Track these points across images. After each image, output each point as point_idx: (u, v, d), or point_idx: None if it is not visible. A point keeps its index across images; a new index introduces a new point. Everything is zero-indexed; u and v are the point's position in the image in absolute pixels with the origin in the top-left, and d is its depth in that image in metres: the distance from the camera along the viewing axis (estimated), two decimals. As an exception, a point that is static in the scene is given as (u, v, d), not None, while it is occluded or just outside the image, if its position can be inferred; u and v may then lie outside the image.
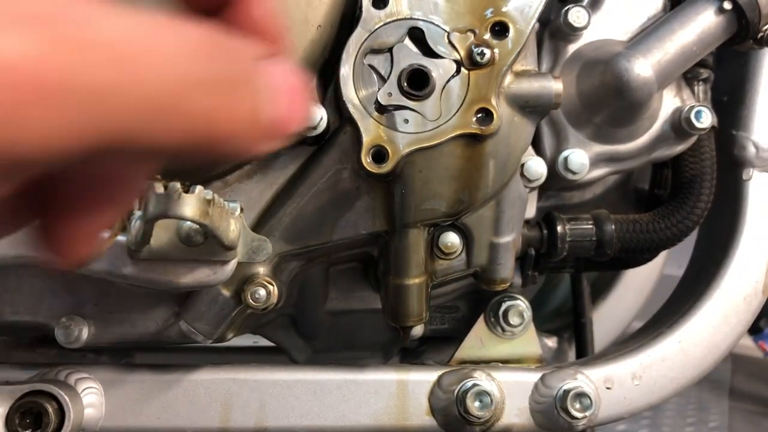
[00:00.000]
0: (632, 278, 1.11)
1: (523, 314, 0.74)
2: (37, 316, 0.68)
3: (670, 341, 0.72)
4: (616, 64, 0.66)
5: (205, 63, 0.27)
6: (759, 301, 0.75)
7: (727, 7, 0.67)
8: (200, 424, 0.68)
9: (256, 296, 0.64)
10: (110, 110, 0.24)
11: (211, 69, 0.27)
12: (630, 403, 0.71)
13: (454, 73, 0.58)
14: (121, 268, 0.59)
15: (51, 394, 0.62)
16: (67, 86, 0.23)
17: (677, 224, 0.72)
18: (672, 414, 1.69)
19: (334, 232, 0.63)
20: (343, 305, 0.74)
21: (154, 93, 0.25)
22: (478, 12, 0.58)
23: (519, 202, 0.65)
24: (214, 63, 0.27)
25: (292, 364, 0.79)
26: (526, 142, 0.62)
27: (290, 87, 0.31)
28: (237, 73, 0.28)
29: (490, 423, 0.68)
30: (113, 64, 0.24)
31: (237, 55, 0.29)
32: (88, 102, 0.24)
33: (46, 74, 0.23)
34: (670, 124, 0.71)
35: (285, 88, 0.30)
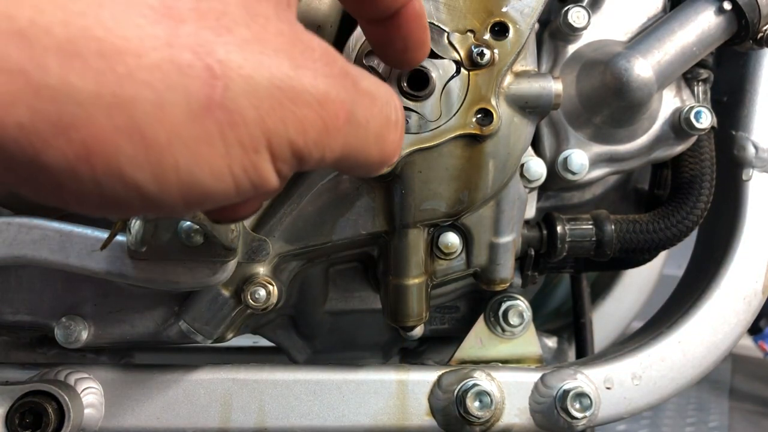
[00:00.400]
0: (632, 278, 1.11)
1: (522, 314, 0.74)
2: (37, 316, 0.68)
3: (670, 341, 0.72)
4: (616, 64, 0.66)
5: (390, 108, 0.39)
6: (759, 301, 0.75)
7: (727, 7, 0.67)
8: (200, 424, 0.68)
9: (256, 296, 0.64)
10: (352, 139, 0.36)
11: (389, 112, 0.39)
12: (630, 403, 0.71)
13: (453, 73, 0.58)
14: (121, 268, 0.59)
15: (51, 394, 0.62)
16: (352, 121, 0.35)
17: (677, 224, 0.72)
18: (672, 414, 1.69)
19: (334, 232, 0.63)
20: (343, 305, 0.74)
21: (377, 129, 0.38)
22: (478, 13, 0.58)
23: (519, 202, 0.65)
24: (391, 107, 0.39)
25: (292, 364, 0.79)
26: (526, 143, 0.62)
27: (402, 122, 0.41)
28: (392, 114, 0.39)
29: (490, 423, 0.68)
30: (372, 105, 0.37)
31: (392, 98, 0.40)
32: (354, 135, 0.36)
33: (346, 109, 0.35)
34: (670, 125, 0.71)
35: (402, 123, 0.41)
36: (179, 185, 0.30)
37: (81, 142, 0.28)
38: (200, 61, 0.29)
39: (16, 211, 0.63)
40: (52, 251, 0.60)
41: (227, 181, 0.31)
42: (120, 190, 0.29)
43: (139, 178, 0.29)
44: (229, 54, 0.30)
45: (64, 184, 0.29)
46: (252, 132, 0.31)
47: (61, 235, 0.60)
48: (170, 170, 0.30)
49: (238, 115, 0.30)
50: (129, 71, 0.28)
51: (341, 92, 0.34)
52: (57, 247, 0.60)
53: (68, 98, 0.27)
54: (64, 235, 0.60)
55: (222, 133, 0.30)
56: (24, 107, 0.26)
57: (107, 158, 0.28)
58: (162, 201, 0.30)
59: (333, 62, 0.34)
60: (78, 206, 0.31)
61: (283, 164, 0.33)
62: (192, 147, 0.30)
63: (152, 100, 0.28)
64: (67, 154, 0.28)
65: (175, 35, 0.29)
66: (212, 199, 0.32)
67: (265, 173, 0.33)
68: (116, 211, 0.31)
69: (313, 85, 0.32)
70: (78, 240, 0.60)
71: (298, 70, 0.32)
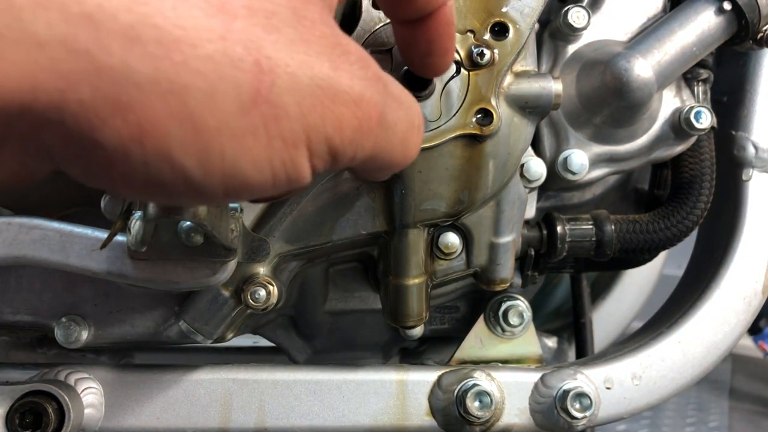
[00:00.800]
0: (632, 278, 1.11)
1: (522, 314, 0.74)
2: (37, 316, 0.68)
3: (670, 341, 0.72)
4: (616, 64, 0.66)
5: (414, 112, 0.41)
6: (759, 301, 0.75)
7: (727, 7, 0.67)
8: (200, 424, 0.68)
9: (256, 296, 0.64)
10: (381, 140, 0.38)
11: (413, 116, 0.41)
12: (630, 403, 0.71)
13: (453, 73, 0.58)
14: (121, 268, 0.59)
15: (51, 394, 0.62)
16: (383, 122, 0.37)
17: (677, 224, 0.72)
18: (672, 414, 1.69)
19: (334, 232, 0.63)
20: (343, 305, 0.74)
21: (403, 132, 0.40)
22: (478, 13, 0.58)
23: (519, 202, 0.65)
24: (414, 111, 0.41)
25: (292, 364, 0.79)
26: (526, 143, 0.62)
27: (422, 126, 0.43)
28: (416, 118, 0.42)
29: (489, 423, 0.68)
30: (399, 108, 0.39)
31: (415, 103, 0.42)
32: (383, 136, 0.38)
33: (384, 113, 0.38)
34: (670, 125, 0.71)
35: (422, 127, 0.43)
36: (222, 173, 0.32)
37: (136, 123, 0.29)
38: (250, 56, 0.30)
39: (16, 211, 0.63)
40: (52, 251, 0.60)
41: (266, 173, 0.33)
42: (167, 173, 0.31)
43: (186, 163, 0.30)
44: (277, 52, 0.31)
45: (114, 162, 0.30)
46: (293, 127, 0.32)
47: (61, 235, 0.60)
48: (216, 158, 0.31)
49: (282, 110, 0.32)
50: (184, 59, 0.29)
51: (375, 94, 0.36)
52: (57, 247, 0.60)
53: (127, 81, 0.28)
54: (64, 235, 0.60)
55: (266, 126, 0.31)
56: (86, 86, 0.28)
57: (158, 141, 0.30)
58: (204, 187, 0.32)
59: (368, 66, 0.36)
60: (124, 186, 0.32)
61: (319, 160, 0.35)
62: (238, 137, 0.31)
63: (204, 89, 0.30)
64: (121, 133, 0.29)
65: (229, 29, 0.30)
66: (250, 190, 0.33)
67: (301, 168, 0.34)
68: (159, 195, 0.32)
69: (350, 86, 0.34)
70: (78, 240, 0.60)
71: (337, 72, 0.34)
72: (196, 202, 0.35)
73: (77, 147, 0.30)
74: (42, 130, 0.29)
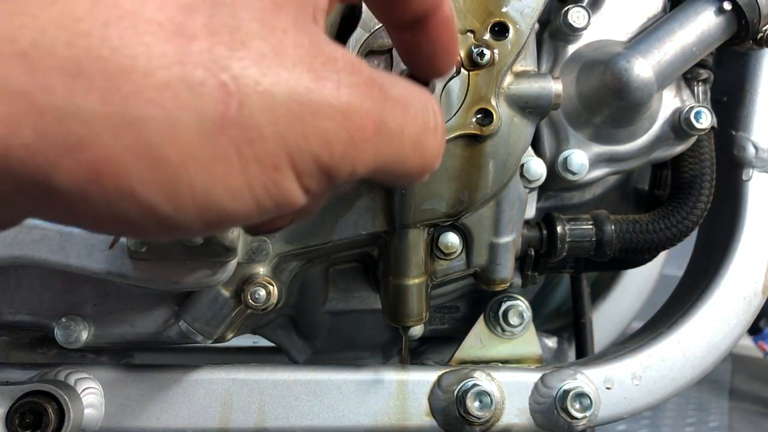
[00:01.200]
0: (632, 278, 1.11)
1: (522, 314, 0.74)
2: (37, 316, 0.68)
3: (670, 341, 0.72)
4: (616, 64, 0.66)
5: (428, 113, 0.38)
6: (759, 301, 0.75)
7: (727, 7, 0.67)
8: (200, 424, 0.68)
9: (256, 296, 0.64)
10: (385, 149, 0.35)
11: (427, 118, 0.38)
12: (630, 403, 0.71)
13: (453, 73, 0.58)
14: (121, 268, 0.59)
15: (51, 395, 0.62)
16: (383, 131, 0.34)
17: (677, 224, 0.72)
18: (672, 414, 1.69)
19: (334, 232, 0.63)
20: (343, 305, 0.74)
21: (414, 136, 0.36)
22: (478, 13, 0.58)
23: (519, 202, 0.65)
24: (428, 112, 0.38)
25: (292, 364, 0.79)
26: (526, 143, 0.62)
27: (443, 126, 0.40)
28: (430, 119, 0.38)
29: (489, 423, 0.68)
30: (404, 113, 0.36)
31: (429, 102, 0.39)
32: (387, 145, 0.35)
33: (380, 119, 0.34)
34: (670, 125, 0.71)
35: (442, 127, 0.39)
36: (195, 205, 0.30)
37: (89, 162, 0.27)
38: (213, 78, 0.29)
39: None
40: (52, 251, 0.60)
41: (246, 200, 0.31)
42: (133, 212, 0.29)
43: (153, 199, 0.29)
44: (244, 70, 0.29)
45: (75, 206, 0.28)
46: (270, 149, 0.30)
47: (61, 235, 0.60)
48: (185, 190, 0.29)
49: (254, 131, 0.30)
50: (136, 90, 0.27)
51: (366, 102, 0.33)
52: (57, 247, 0.60)
53: (74, 118, 0.27)
54: (64, 235, 0.60)
55: (238, 151, 0.30)
56: (29, 128, 0.26)
57: (117, 179, 0.28)
58: (178, 222, 0.30)
59: (357, 72, 0.33)
60: (94, 228, 0.30)
61: (310, 180, 0.32)
62: (207, 166, 0.29)
63: (161, 120, 0.28)
64: (75, 175, 0.27)
65: (186, 53, 0.28)
66: (232, 219, 0.31)
67: (288, 190, 0.32)
68: (134, 233, 0.31)
69: (335, 96, 0.32)
70: (78, 240, 0.60)
71: (319, 82, 0.31)
72: (177, 237, 0.33)
73: (33, 194, 0.28)
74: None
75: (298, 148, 0.31)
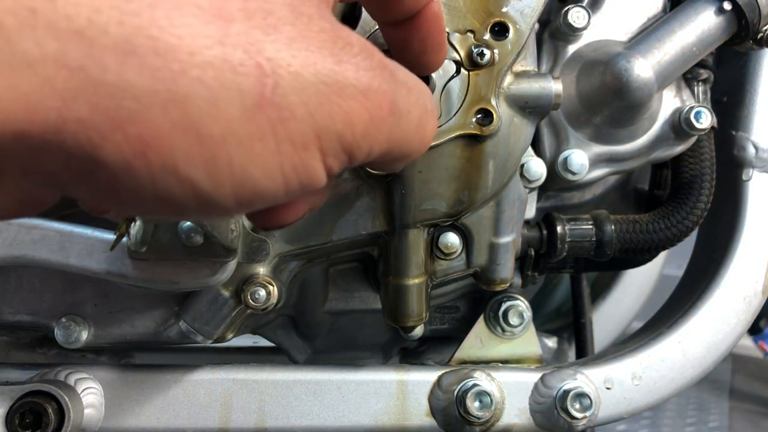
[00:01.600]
0: (632, 278, 1.11)
1: (522, 314, 0.74)
2: (37, 316, 0.68)
3: (670, 341, 0.72)
4: (616, 64, 0.66)
5: (425, 97, 0.40)
6: (759, 301, 0.75)
7: (727, 7, 0.67)
8: (200, 424, 0.68)
9: (256, 296, 0.64)
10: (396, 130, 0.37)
11: (425, 101, 0.39)
12: (630, 403, 0.71)
13: (453, 73, 0.58)
14: (121, 268, 0.59)
15: (51, 395, 0.62)
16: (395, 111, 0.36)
17: (677, 224, 0.72)
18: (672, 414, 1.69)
19: (334, 232, 0.63)
20: (343, 305, 0.74)
21: (417, 118, 0.38)
22: (478, 13, 0.58)
23: (519, 202, 0.65)
24: (425, 96, 0.40)
25: (292, 364, 0.79)
26: (526, 143, 0.62)
27: (435, 110, 0.42)
28: (428, 102, 0.40)
29: (489, 423, 0.68)
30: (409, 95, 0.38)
31: (424, 87, 0.40)
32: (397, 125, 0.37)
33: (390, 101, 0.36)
34: (670, 125, 0.71)
35: (435, 111, 0.41)
36: (232, 183, 0.31)
37: (138, 137, 0.28)
38: (251, 59, 0.30)
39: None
40: (52, 251, 0.60)
41: (277, 179, 0.32)
42: (175, 187, 0.30)
43: (194, 175, 0.30)
44: (278, 52, 0.31)
45: (120, 180, 0.29)
46: (301, 128, 0.31)
47: (61, 235, 0.60)
48: (224, 167, 0.30)
49: (288, 111, 0.31)
50: (183, 68, 0.28)
51: (383, 83, 0.35)
52: (57, 247, 0.60)
53: (125, 94, 0.28)
54: (64, 235, 0.60)
55: (273, 129, 0.31)
56: (83, 102, 0.27)
57: (163, 154, 0.29)
58: (215, 199, 0.31)
59: (372, 56, 0.35)
60: (133, 204, 0.31)
61: (333, 160, 0.34)
62: (245, 144, 0.30)
63: (206, 97, 0.29)
64: (123, 149, 0.28)
65: (226, 34, 0.29)
66: (262, 198, 0.32)
67: (314, 170, 0.33)
68: (170, 211, 0.31)
69: (356, 78, 0.33)
70: (78, 240, 0.60)
71: (342, 65, 0.33)
72: (209, 216, 0.34)
73: (80, 168, 0.29)
74: (42, 154, 0.28)
75: (326, 127, 0.32)
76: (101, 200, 0.31)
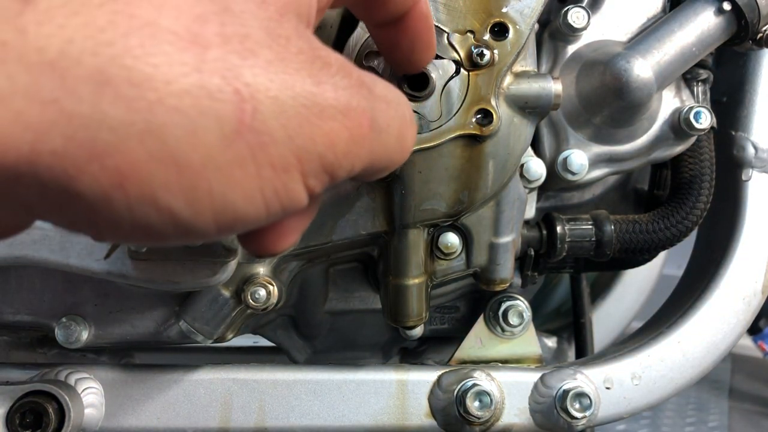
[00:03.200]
0: (632, 278, 1.11)
1: (522, 314, 0.74)
2: (37, 316, 0.68)
3: (669, 341, 0.72)
4: (616, 64, 0.66)
5: (404, 107, 0.40)
6: (759, 301, 0.75)
7: (727, 7, 0.67)
8: (200, 424, 0.68)
9: (256, 296, 0.64)
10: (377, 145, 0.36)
11: (404, 111, 0.39)
12: (630, 403, 0.71)
13: (453, 74, 0.58)
14: (121, 268, 0.59)
15: (51, 394, 0.62)
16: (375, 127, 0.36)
17: (677, 225, 0.72)
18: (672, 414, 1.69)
19: (334, 232, 0.63)
20: (343, 305, 0.74)
21: (398, 130, 0.38)
22: (478, 13, 0.58)
23: (518, 202, 0.65)
24: (403, 106, 0.40)
25: (292, 364, 0.79)
26: (526, 143, 0.62)
27: (414, 118, 0.42)
28: (407, 112, 0.40)
29: (489, 423, 0.68)
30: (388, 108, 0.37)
31: (402, 97, 0.40)
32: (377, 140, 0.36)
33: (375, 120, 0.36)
34: (670, 125, 0.71)
35: (414, 119, 0.41)
36: (212, 210, 0.31)
37: (115, 168, 0.28)
38: (229, 86, 0.29)
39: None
40: (52, 251, 0.60)
41: (258, 204, 0.32)
42: (154, 217, 0.30)
43: (173, 204, 0.29)
44: (256, 77, 0.30)
45: (97, 211, 0.29)
46: (282, 152, 0.31)
47: (62, 235, 0.60)
48: (204, 195, 0.30)
49: (267, 136, 0.31)
50: (159, 97, 0.28)
51: (361, 101, 0.35)
52: (57, 247, 0.60)
53: (101, 125, 0.27)
54: (65, 235, 0.60)
55: (253, 155, 0.30)
56: (57, 135, 0.27)
57: (141, 184, 0.28)
58: (195, 227, 0.31)
59: (349, 74, 0.35)
60: (111, 234, 0.31)
61: (315, 181, 0.34)
62: (225, 171, 0.30)
63: (184, 126, 0.29)
64: (100, 180, 0.28)
65: (203, 60, 0.29)
66: (243, 223, 0.32)
67: (295, 193, 0.33)
68: (149, 239, 0.31)
69: (335, 98, 0.33)
70: (78, 240, 0.60)
71: (320, 86, 0.33)
72: (189, 242, 0.34)
73: (56, 199, 0.29)
74: (15, 185, 0.28)
75: (306, 149, 0.32)
76: (78, 228, 0.31)
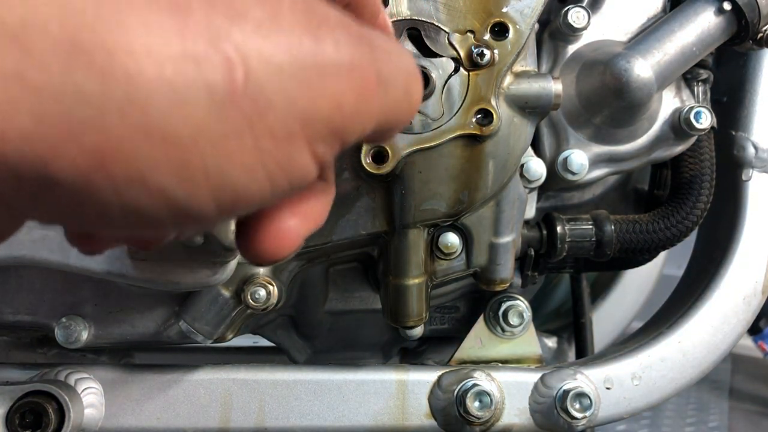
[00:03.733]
0: (632, 278, 1.11)
1: (522, 314, 0.74)
2: (37, 316, 0.68)
3: (669, 341, 0.72)
4: (616, 64, 0.66)
5: (406, 58, 0.36)
6: (759, 301, 0.75)
7: (727, 7, 0.67)
8: (200, 424, 0.68)
9: (256, 296, 0.64)
10: (385, 100, 0.33)
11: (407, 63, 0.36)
12: (630, 403, 0.71)
13: (454, 73, 0.58)
14: (121, 268, 0.59)
15: (51, 395, 0.62)
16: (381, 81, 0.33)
17: (677, 224, 0.72)
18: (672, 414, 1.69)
19: (334, 232, 0.63)
20: (343, 305, 0.74)
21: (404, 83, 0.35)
22: (478, 13, 0.58)
23: (518, 202, 0.65)
24: (405, 57, 0.36)
25: (292, 364, 0.79)
26: (526, 143, 0.62)
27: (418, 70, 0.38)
28: (409, 64, 0.36)
29: (489, 423, 0.68)
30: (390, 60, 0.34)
31: (403, 48, 0.37)
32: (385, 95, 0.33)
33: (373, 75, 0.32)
34: (670, 125, 0.71)
35: (418, 71, 0.38)
36: (209, 188, 0.28)
37: (94, 146, 0.25)
38: (216, 51, 0.27)
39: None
40: (52, 251, 0.60)
41: (260, 179, 0.29)
42: (144, 199, 0.27)
43: (165, 182, 0.27)
44: (246, 39, 0.27)
45: (81, 198, 0.26)
46: (282, 119, 0.28)
47: (61, 235, 0.60)
48: (197, 171, 0.27)
49: (264, 102, 0.28)
50: (139, 67, 0.25)
51: (365, 55, 0.32)
52: (57, 247, 0.60)
53: (75, 99, 0.25)
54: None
55: (250, 124, 0.28)
56: (26, 113, 0.24)
57: (126, 164, 0.26)
58: (192, 207, 0.28)
59: (348, 28, 0.32)
60: (101, 223, 0.28)
61: (323, 148, 0.31)
62: (219, 144, 0.27)
63: (168, 96, 0.26)
64: (79, 162, 0.25)
65: (185, 25, 0.26)
66: (247, 201, 0.29)
67: (301, 164, 0.30)
68: (145, 226, 0.28)
69: (337, 54, 0.30)
70: (78, 240, 0.60)
71: (319, 43, 0.30)
72: (190, 227, 0.30)
73: (34, 190, 0.25)
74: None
75: (310, 113, 0.29)
76: (65, 223, 0.28)
